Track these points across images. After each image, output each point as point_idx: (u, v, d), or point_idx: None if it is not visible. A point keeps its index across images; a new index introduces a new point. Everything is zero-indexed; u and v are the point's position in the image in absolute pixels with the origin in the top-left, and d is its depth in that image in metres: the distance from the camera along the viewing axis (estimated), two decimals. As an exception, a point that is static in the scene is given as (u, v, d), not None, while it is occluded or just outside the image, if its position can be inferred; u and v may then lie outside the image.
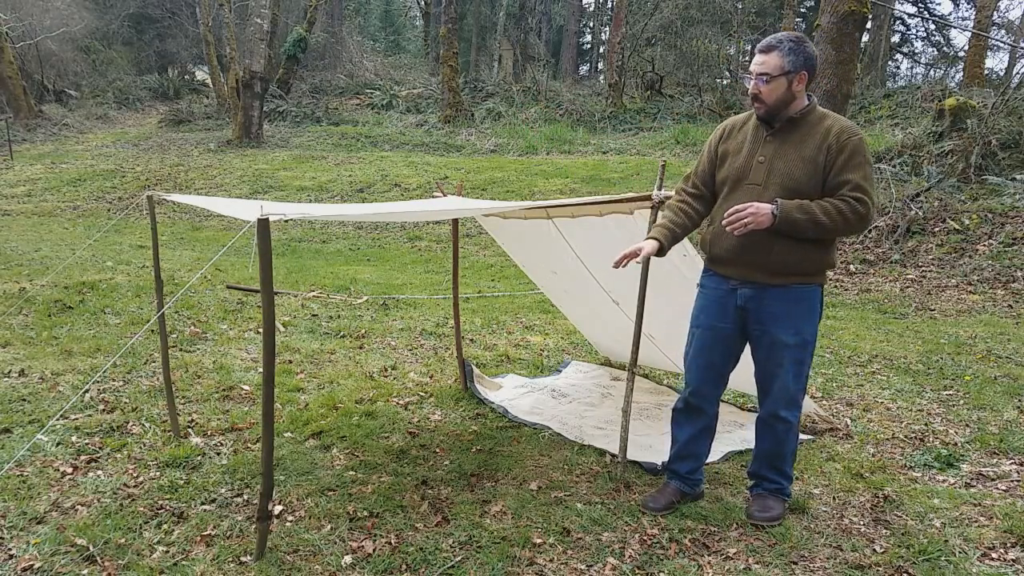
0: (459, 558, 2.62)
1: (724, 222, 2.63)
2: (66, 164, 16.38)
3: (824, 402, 4.39)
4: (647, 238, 2.87)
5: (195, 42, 25.17)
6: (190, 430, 3.72)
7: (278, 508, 2.91)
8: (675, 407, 3.08)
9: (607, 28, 28.94)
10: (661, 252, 2.83)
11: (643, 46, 20.83)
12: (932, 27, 26.53)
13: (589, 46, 35.38)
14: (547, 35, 31.85)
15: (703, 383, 2.95)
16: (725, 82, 20.31)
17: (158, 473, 3.22)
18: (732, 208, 2.61)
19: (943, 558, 2.65)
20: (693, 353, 2.96)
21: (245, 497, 3.03)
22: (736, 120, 2.90)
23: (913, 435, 3.86)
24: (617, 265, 2.79)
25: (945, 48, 27.08)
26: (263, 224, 2.32)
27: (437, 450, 3.60)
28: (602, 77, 28.37)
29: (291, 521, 2.85)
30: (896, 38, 27.40)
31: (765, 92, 2.65)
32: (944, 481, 3.33)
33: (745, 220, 2.57)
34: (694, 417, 3.01)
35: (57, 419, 3.68)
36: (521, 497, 3.09)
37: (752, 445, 3.58)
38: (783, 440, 2.89)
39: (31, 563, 2.50)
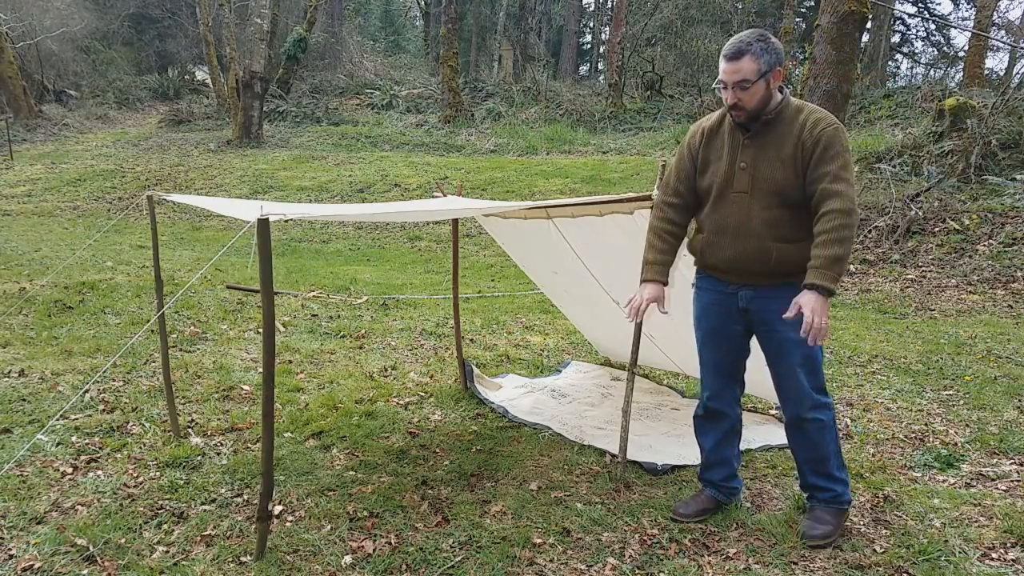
0: (459, 558, 2.62)
1: (808, 341, 2.46)
2: (66, 164, 16.38)
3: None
4: (643, 280, 2.83)
5: (195, 42, 25.17)
6: (190, 430, 3.72)
7: (278, 508, 2.91)
8: (695, 415, 3.01)
9: (607, 28, 28.97)
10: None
11: (643, 46, 20.84)
12: (932, 27, 26.55)
13: (589, 46, 35.39)
14: (547, 35, 31.86)
15: (719, 386, 2.90)
16: (725, 82, 20.26)
17: (158, 473, 3.22)
18: (805, 326, 2.43)
19: (943, 558, 2.65)
20: (703, 357, 2.91)
21: (245, 497, 3.03)
22: (711, 123, 2.77)
23: (913, 435, 3.86)
24: (631, 319, 2.82)
25: (945, 48, 27.10)
26: (263, 224, 2.32)
27: (437, 450, 3.60)
28: (602, 77, 28.39)
29: (291, 521, 2.85)
30: (896, 38, 27.43)
31: (746, 99, 2.54)
32: (944, 481, 3.33)
33: (821, 328, 2.43)
34: (716, 422, 2.94)
35: (57, 419, 3.68)
36: (521, 497, 3.09)
37: (751, 444, 3.60)
38: (819, 440, 2.75)
39: (31, 563, 2.50)
